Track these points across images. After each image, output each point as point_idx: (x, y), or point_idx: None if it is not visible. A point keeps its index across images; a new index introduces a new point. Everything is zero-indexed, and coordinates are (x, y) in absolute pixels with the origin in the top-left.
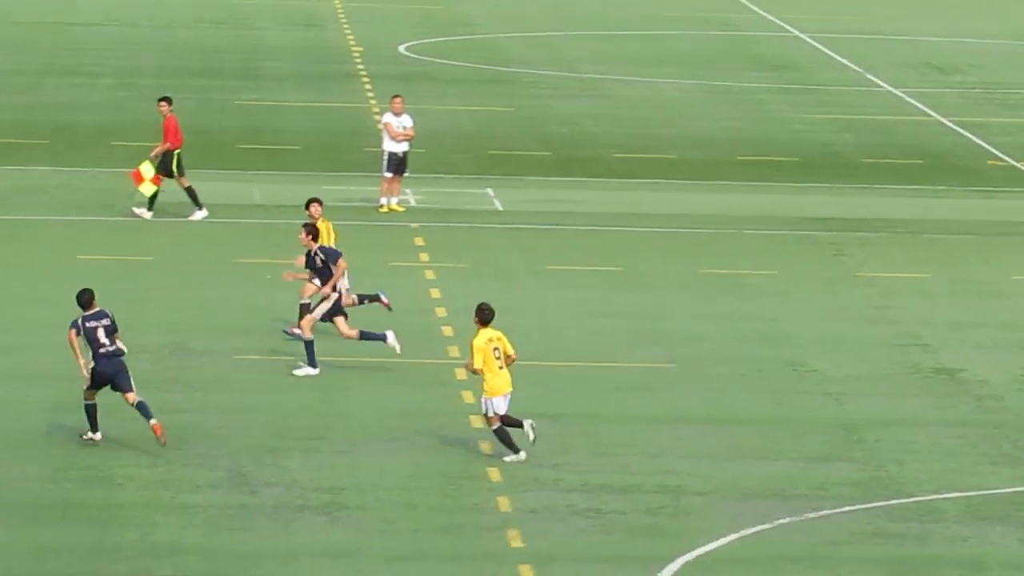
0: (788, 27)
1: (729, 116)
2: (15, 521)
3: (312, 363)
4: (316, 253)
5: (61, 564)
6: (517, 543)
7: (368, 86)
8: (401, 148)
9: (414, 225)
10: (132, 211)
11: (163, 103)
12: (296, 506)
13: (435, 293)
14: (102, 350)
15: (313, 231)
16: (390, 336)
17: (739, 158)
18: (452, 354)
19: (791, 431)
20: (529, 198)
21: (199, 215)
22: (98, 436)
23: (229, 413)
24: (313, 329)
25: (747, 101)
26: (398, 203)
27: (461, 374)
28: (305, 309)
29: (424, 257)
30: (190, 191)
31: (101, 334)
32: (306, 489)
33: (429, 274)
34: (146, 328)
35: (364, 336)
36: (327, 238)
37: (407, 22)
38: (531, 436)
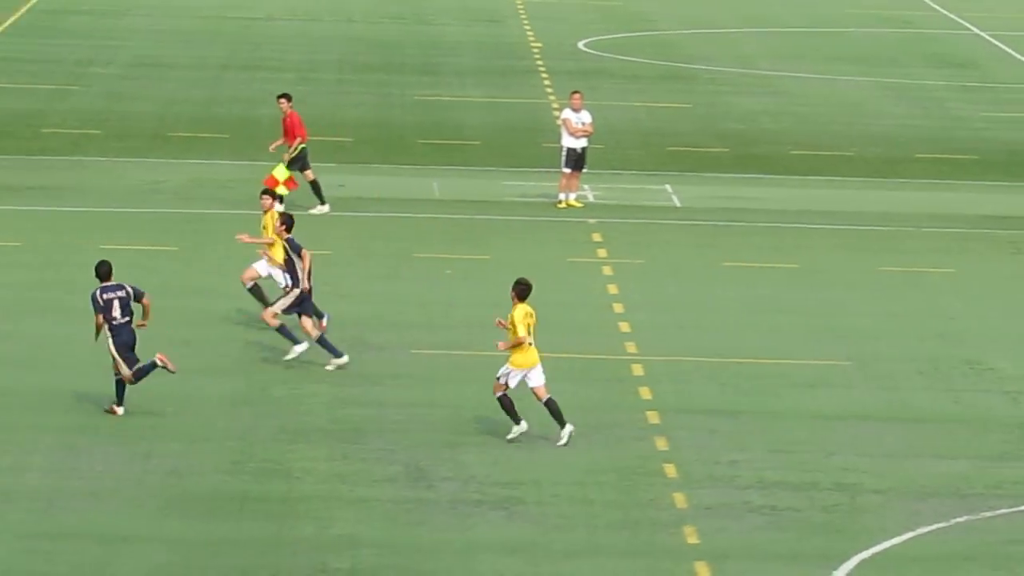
0: (968, 25)
1: (908, 114)
2: (194, 513)
3: (295, 340)
4: (285, 244)
5: (239, 557)
6: (693, 539)
7: (547, 82)
8: (580, 144)
9: (592, 221)
10: (310, 212)
11: (283, 100)
12: (473, 501)
13: (612, 289)
14: (114, 323)
15: (288, 221)
16: (343, 359)
17: (917, 156)
18: (629, 350)
19: (968, 429)
20: (707, 194)
21: (279, 207)
22: (120, 411)
23: (407, 407)
24: (276, 318)
25: (926, 99)
26: (576, 199)
27: (638, 370)
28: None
29: (602, 253)
30: (315, 185)
31: (116, 307)
32: (483, 484)
33: (607, 270)
34: (326, 323)
35: (320, 342)
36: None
37: (586, 18)
38: (563, 440)
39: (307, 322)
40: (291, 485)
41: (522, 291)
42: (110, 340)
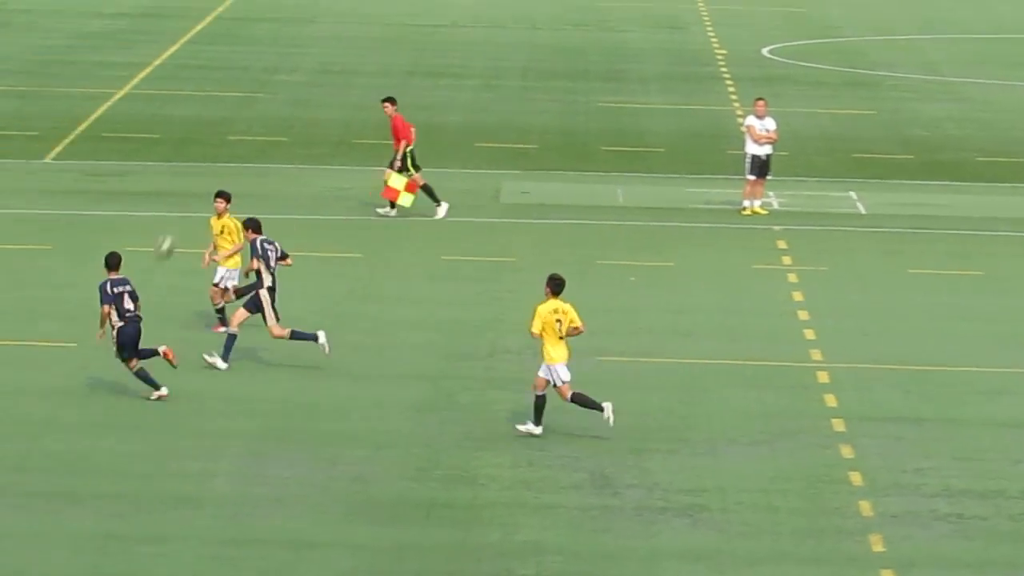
0: None
1: None
2: (380, 519)
3: (307, 335)
4: (259, 244)
5: (424, 563)
6: (879, 548)
7: (731, 88)
8: (764, 151)
9: (777, 228)
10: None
11: (387, 104)
12: (658, 508)
13: (797, 296)
14: (128, 314)
15: (252, 224)
16: (221, 363)
17: None
18: (814, 357)
19: None
20: (892, 201)
21: (390, 213)
22: (165, 391)
23: (592, 414)
24: (282, 328)
25: None
26: (761, 206)
27: (823, 377)
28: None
29: (787, 260)
30: (427, 189)
31: (126, 299)
32: (668, 491)
33: (792, 277)
34: (508, 329)
35: (230, 339)
36: (222, 232)
37: (770, 25)
38: (522, 429)
39: (242, 315)
40: (476, 492)
41: (555, 286)
42: (114, 332)
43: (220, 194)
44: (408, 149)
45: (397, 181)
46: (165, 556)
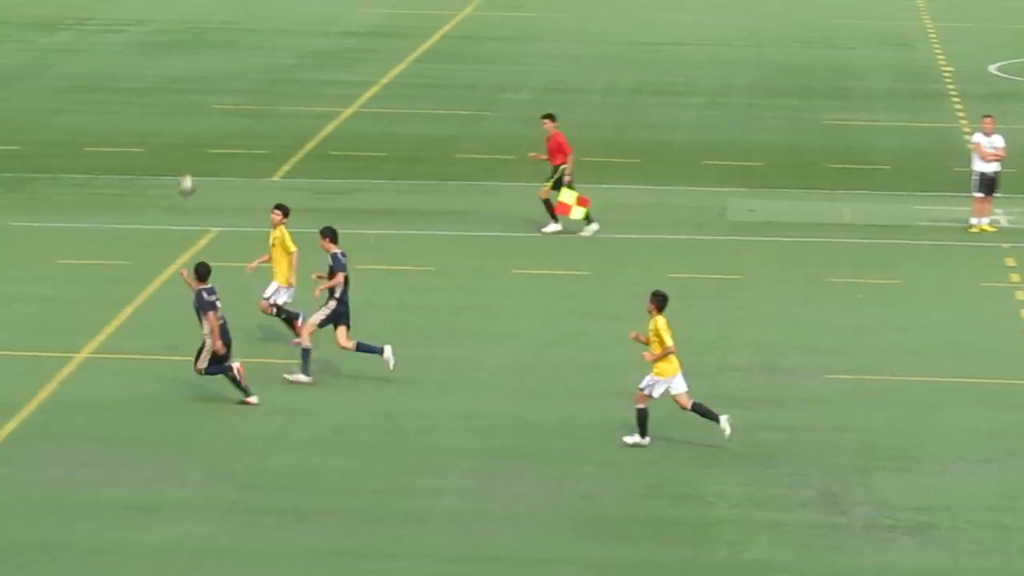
0: None
1: None
2: (609, 537)
3: (306, 371)
4: (341, 257)
5: None
6: None
7: (958, 106)
8: (992, 168)
9: (1005, 246)
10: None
11: (547, 120)
12: (886, 526)
13: None
14: (220, 322)
15: (329, 233)
16: (387, 350)
17: None
18: None
19: None
20: None
21: (552, 227)
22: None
23: (819, 432)
24: (311, 337)
25: None
26: (989, 223)
27: None
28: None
29: (1015, 278)
30: (548, 204)
31: (218, 306)
32: (896, 509)
33: (1020, 295)
34: (737, 347)
35: (360, 348)
36: (274, 244)
37: (998, 41)
38: (727, 431)
39: (340, 332)
40: (705, 509)
41: (660, 302)
42: (213, 338)
43: (278, 207)
44: (563, 166)
45: (568, 196)
46: (394, 573)
